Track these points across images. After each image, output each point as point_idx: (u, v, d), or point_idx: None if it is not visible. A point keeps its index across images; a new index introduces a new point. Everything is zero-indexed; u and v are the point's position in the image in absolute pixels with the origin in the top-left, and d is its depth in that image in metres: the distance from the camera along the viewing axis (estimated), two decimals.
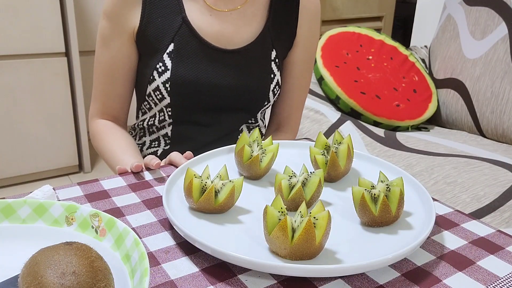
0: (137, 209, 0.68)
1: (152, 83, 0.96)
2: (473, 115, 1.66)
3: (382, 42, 1.87)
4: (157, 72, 0.95)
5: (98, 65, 0.99)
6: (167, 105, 0.97)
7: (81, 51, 2.48)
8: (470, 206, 1.13)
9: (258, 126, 1.10)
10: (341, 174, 0.74)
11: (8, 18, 2.04)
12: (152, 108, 1.02)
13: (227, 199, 0.63)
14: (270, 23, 0.99)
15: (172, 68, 0.94)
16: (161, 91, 0.95)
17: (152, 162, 0.78)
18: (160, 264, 0.56)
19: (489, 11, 1.68)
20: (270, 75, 1.00)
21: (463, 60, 1.72)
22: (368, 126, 1.61)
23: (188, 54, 0.95)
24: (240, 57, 0.97)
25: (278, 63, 1.02)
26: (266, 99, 1.02)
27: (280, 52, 1.02)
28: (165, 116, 1.00)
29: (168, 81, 0.94)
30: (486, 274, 0.56)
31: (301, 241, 0.53)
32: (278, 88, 1.03)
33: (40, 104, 2.23)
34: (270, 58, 1.00)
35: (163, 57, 0.94)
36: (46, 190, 0.67)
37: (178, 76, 0.94)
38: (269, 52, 1.00)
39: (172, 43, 0.94)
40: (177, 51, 0.94)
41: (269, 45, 1.00)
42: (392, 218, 0.62)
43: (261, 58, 0.99)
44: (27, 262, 0.43)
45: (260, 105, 1.03)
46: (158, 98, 0.97)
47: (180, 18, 0.94)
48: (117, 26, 0.95)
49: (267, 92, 1.01)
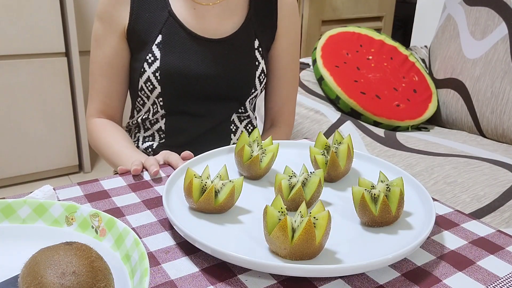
0: (137, 209, 0.68)
1: (143, 75, 1.00)
2: (473, 115, 1.66)
3: (382, 42, 1.87)
4: (147, 63, 0.99)
5: (94, 66, 1.04)
6: (158, 95, 1.01)
7: (81, 51, 2.48)
8: (470, 206, 1.13)
9: (249, 116, 1.13)
10: (341, 174, 0.74)
11: (8, 18, 2.04)
12: (146, 103, 1.06)
13: (227, 199, 0.63)
14: (251, 14, 1.05)
15: (161, 58, 0.99)
16: (152, 82, 1.00)
17: (150, 169, 0.78)
18: (160, 264, 0.56)
19: (489, 11, 1.68)
20: (255, 63, 1.06)
21: (463, 60, 1.72)
22: (368, 126, 1.61)
23: (175, 44, 1.00)
24: (225, 46, 1.03)
25: (261, 52, 1.07)
26: (253, 86, 1.06)
27: (263, 42, 1.07)
28: (157, 108, 1.04)
29: (158, 70, 0.99)
30: (486, 274, 0.56)
31: (301, 241, 0.53)
32: (263, 76, 1.08)
33: (40, 104, 2.23)
34: (254, 47, 1.06)
35: (152, 48, 0.99)
36: (46, 190, 0.67)
37: (167, 64, 0.99)
38: (252, 41, 1.05)
39: (160, 35, 0.99)
40: (165, 41, 0.99)
41: (252, 35, 1.05)
42: (392, 218, 0.62)
43: (245, 46, 1.05)
44: (27, 262, 0.43)
45: (247, 93, 1.07)
46: (150, 89, 1.01)
47: (166, 12, 1.00)
48: (109, 26, 1.00)
49: (253, 79, 1.06)
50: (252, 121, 1.15)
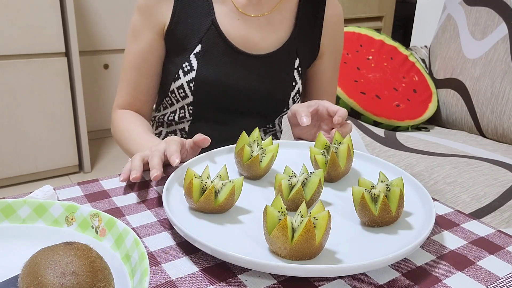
0: (137, 209, 0.68)
1: (176, 81, 0.98)
2: (473, 115, 1.66)
3: (382, 42, 1.87)
4: (182, 71, 0.97)
5: (127, 57, 1.02)
6: (189, 104, 1.00)
7: (81, 51, 2.48)
8: (470, 206, 1.13)
9: (275, 130, 1.12)
10: (341, 174, 0.74)
11: (8, 18, 2.04)
12: (174, 105, 1.04)
13: (227, 199, 0.63)
14: (296, 32, 1.02)
15: (197, 69, 0.96)
16: (184, 90, 0.98)
17: (152, 173, 0.71)
18: (160, 264, 0.56)
19: (489, 11, 1.68)
20: (292, 83, 1.03)
21: (463, 60, 1.72)
22: (368, 126, 1.61)
23: (214, 56, 0.97)
24: (265, 62, 1.00)
25: (300, 72, 1.04)
26: (286, 106, 1.04)
27: (303, 61, 1.05)
28: (185, 113, 1.03)
29: (192, 80, 0.97)
30: (486, 274, 0.56)
31: (301, 241, 0.53)
32: (298, 96, 1.05)
33: (40, 104, 2.23)
34: (294, 66, 1.02)
35: (189, 57, 0.97)
36: (46, 190, 0.67)
37: (203, 76, 0.96)
38: (293, 60, 1.02)
39: (199, 44, 0.97)
40: (203, 52, 0.97)
41: (293, 53, 1.02)
42: (392, 218, 0.62)
43: (285, 65, 1.02)
44: (27, 262, 0.43)
45: (279, 112, 1.05)
46: (181, 96, 0.99)
47: (210, 20, 0.97)
48: (148, 20, 0.98)
49: (288, 99, 1.03)
50: (277, 134, 1.13)
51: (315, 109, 0.88)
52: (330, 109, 0.86)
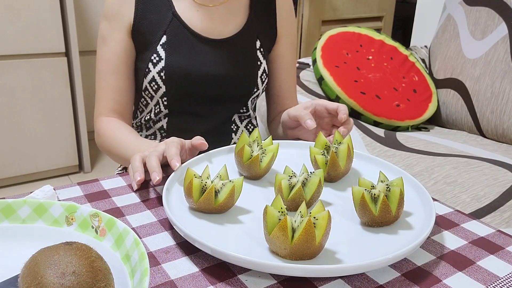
0: (137, 209, 0.68)
1: (147, 75, 1.01)
2: (473, 115, 1.66)
3: (382, 42, 1.87)
4: (151, 64, 1.00)
5: (101, 64, 1.04)
6: (162, 95, 1.02)
7: (81, 51, 2.48)
8: (470, 206, 1.13)
9: (249, 116, 1.14)
10: (341, 174, 0.74)
11: (8, 18, 2.04)
12: (149, 104, 1.06)
13: (227, 199, 0.63)
14: (252, 16, 1.08)
15: (166, 58, 1.00)
16: (156, 81, 1.01)
17: (153, 177, 0.70)
18: (160, 264, 0.56)
19: (489, 11, 1.68)
20: (257, 63, 1.08)
21: (463, 60, 1.72)
22: (368, 126, 1.61)
23: (180, 44, 1.01)
24: (228, 46, 1.04)
25: (263, 52, 1.09)
26: (255, 85, 1.08)
27: (264, 43, 1.10)
28: (160, 107, 1.05)
29: (162, 69, 1.00)
30: (486, 274, 0.56)
31: (301, 241, 0.53)
32: (265, 76, 1.10)
33: (40, 104, 2.23)
34: (256, 47, 1.08)
35: (156, 49, 1.00)
36: (47, 190, 0.67)
37: (172, 64, 1.00)
38: (254, 41, 1.08)
39: (164, 35, 1.01)
40: (169, 42, 1.01)
41: (253, 36, 1.08)
42: (392, 218, 0.62)
43: (247, 47, 1.07)
44: (27, 262, 0.43)
45: (250, 92, 1.08)
46: (154, 89, 1.02)
47: (171, 13, 1.02)
48: (116, 22, 1.02)
49: (255, 79, 1.07)
50: (252, 121, 1.16)
51: (312, 109, 0.91)
52: (329, 107, 0.89)
